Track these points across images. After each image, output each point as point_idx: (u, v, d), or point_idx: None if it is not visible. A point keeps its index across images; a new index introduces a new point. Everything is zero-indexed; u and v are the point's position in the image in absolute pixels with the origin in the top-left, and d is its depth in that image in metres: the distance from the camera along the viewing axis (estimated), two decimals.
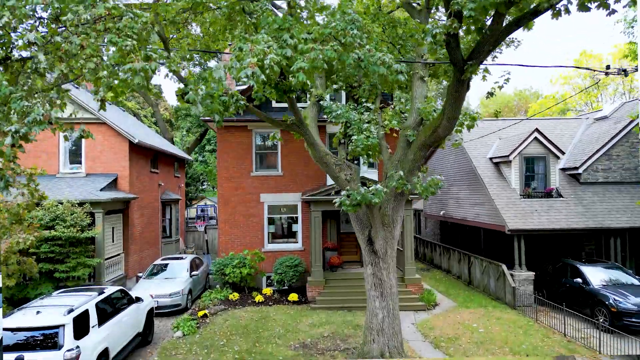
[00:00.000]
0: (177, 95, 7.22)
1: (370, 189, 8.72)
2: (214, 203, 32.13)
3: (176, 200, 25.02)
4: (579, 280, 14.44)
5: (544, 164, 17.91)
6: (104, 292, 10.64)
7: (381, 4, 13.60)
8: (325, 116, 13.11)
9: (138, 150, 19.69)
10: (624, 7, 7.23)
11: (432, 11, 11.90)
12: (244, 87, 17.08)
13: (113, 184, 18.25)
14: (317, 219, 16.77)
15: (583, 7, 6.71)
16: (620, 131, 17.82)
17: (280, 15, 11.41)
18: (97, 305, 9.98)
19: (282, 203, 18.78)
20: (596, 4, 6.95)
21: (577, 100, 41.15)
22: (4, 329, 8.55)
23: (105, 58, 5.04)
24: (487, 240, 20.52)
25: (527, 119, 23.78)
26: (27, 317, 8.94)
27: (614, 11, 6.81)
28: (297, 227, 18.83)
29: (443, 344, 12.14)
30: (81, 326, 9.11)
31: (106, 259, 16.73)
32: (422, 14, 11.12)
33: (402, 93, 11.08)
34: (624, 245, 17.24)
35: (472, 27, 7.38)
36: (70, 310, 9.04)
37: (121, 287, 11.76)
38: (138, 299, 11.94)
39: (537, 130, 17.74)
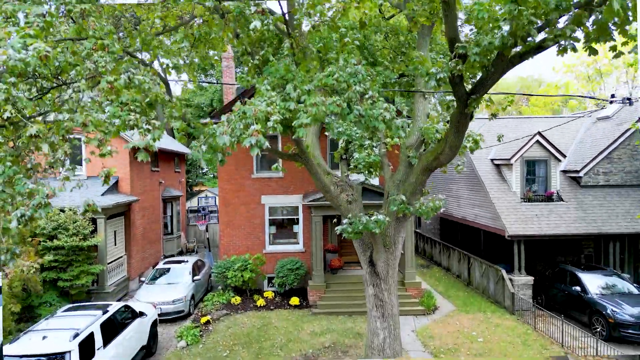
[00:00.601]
0: (178, 134, 7.18)
1: (372, 218, 8.74)
2: (215, 195, 32.10)
3: (177, 197, 25.06)
4: (578, 288, 14.58)
5: (545, 167, 17.89)
6: (108, 311, 10.75)
7: (382, 9, 13.38)
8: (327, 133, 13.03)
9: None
10: (630, 52, 7.12)
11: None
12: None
13: (114, 187, 18.26)
14: (318, 224, 16.84)
15: (592, 50, 6.63)
16: (623, 134, 17.73)
17: (279, 9, 11.25)
18: (102, 325, 10.11)
19: (283, 205, 18.84)
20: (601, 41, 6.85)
21: (580, 88, 40.84)
22: (11, 356, 8.69)
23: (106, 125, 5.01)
24: (486, 240, 20.64)
25: (529, 117, 23.67)
26: (33, 342, 9.06)
27: (620, 53, 6.72)
28: (298, 228, 18.92)
29: (443, 356, 12.34)
30: (87, 350, 9.25)
31: (109, 263, 16.86)
32: (425, 26, 10.96)
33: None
34: (623, 249, 17.37)
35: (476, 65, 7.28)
36: (76, 335, 9.17)
37: (125, 303, 11.90)
38: (142, 314, 12.07)
39: (539, 133, 17.65)
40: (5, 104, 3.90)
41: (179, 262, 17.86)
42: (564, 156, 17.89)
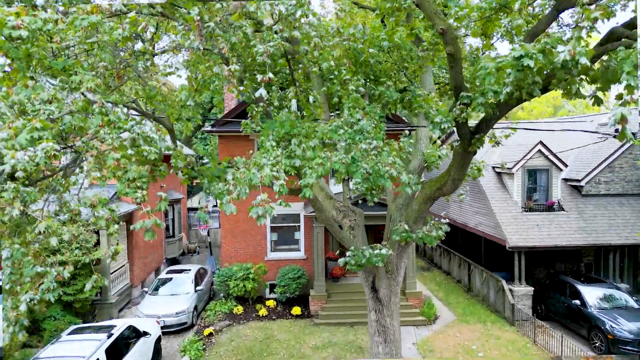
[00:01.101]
0: (182, 176, 7.19)
1: (375, 252, 8.79)
2: None
3: (178, 200, 25.09)
4: (577, 302, 14.68)
5: (546, 176, 17.89)
6: (113, 334, 10.85)
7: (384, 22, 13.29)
8: None
9: None
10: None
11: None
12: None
13: (116, 195, 18.26)
14: (320, 235, 16.93)
15: (597, 100, 6.62)
16: (625, 143, 17.68)
17: None
18: (106, 350, 10.22)
19: (285, 212, 18.86)
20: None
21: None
22: None
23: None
24: (487, 246, 20.72)
25: (531, 121, 23.60)
26: None
27: (626, 103, 6.70)
28: (300, 235, 19.01)
29: None
30: None
31: (111, 273, 16.94)
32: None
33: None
34: (623, 258, 17.49)
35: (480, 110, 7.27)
36: None
37: (130, 324, 11.99)
38: (146, 333, 12.18)
39: (541, 142, 17.62)
40: (13, 202, 3.92)
41: (181, 271, 17.93)
42: (566, 165, 17.88)
